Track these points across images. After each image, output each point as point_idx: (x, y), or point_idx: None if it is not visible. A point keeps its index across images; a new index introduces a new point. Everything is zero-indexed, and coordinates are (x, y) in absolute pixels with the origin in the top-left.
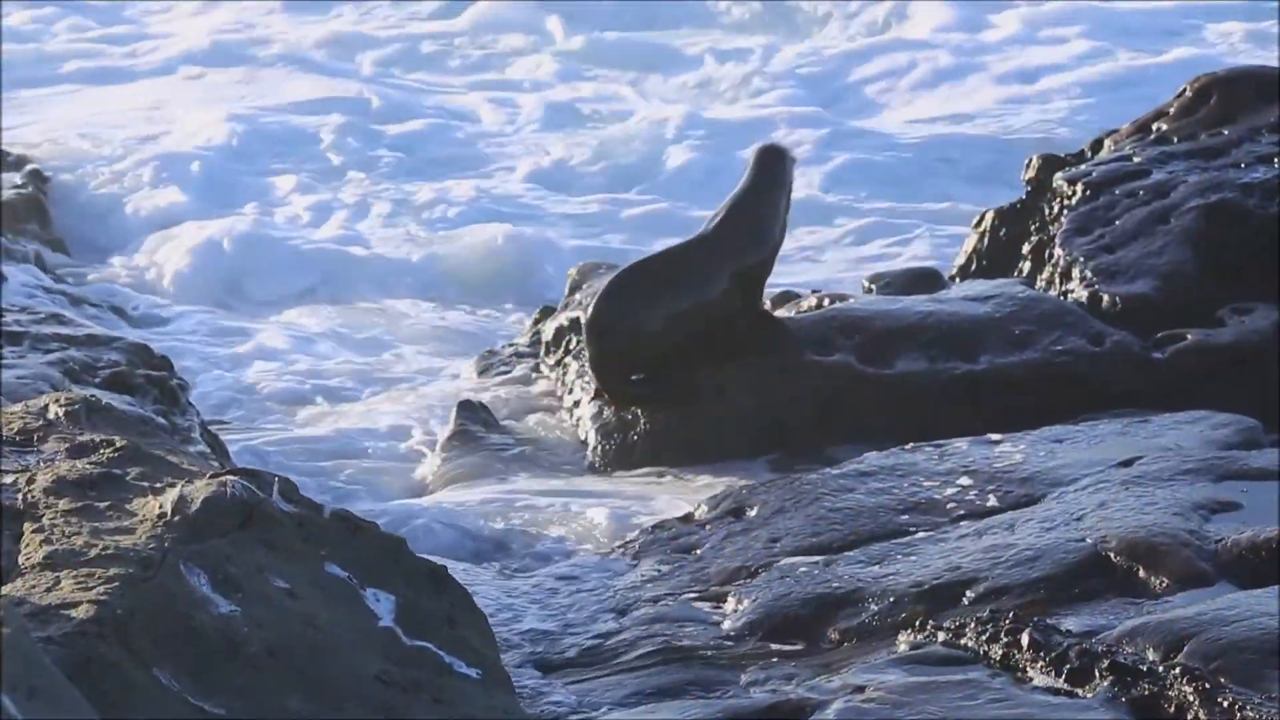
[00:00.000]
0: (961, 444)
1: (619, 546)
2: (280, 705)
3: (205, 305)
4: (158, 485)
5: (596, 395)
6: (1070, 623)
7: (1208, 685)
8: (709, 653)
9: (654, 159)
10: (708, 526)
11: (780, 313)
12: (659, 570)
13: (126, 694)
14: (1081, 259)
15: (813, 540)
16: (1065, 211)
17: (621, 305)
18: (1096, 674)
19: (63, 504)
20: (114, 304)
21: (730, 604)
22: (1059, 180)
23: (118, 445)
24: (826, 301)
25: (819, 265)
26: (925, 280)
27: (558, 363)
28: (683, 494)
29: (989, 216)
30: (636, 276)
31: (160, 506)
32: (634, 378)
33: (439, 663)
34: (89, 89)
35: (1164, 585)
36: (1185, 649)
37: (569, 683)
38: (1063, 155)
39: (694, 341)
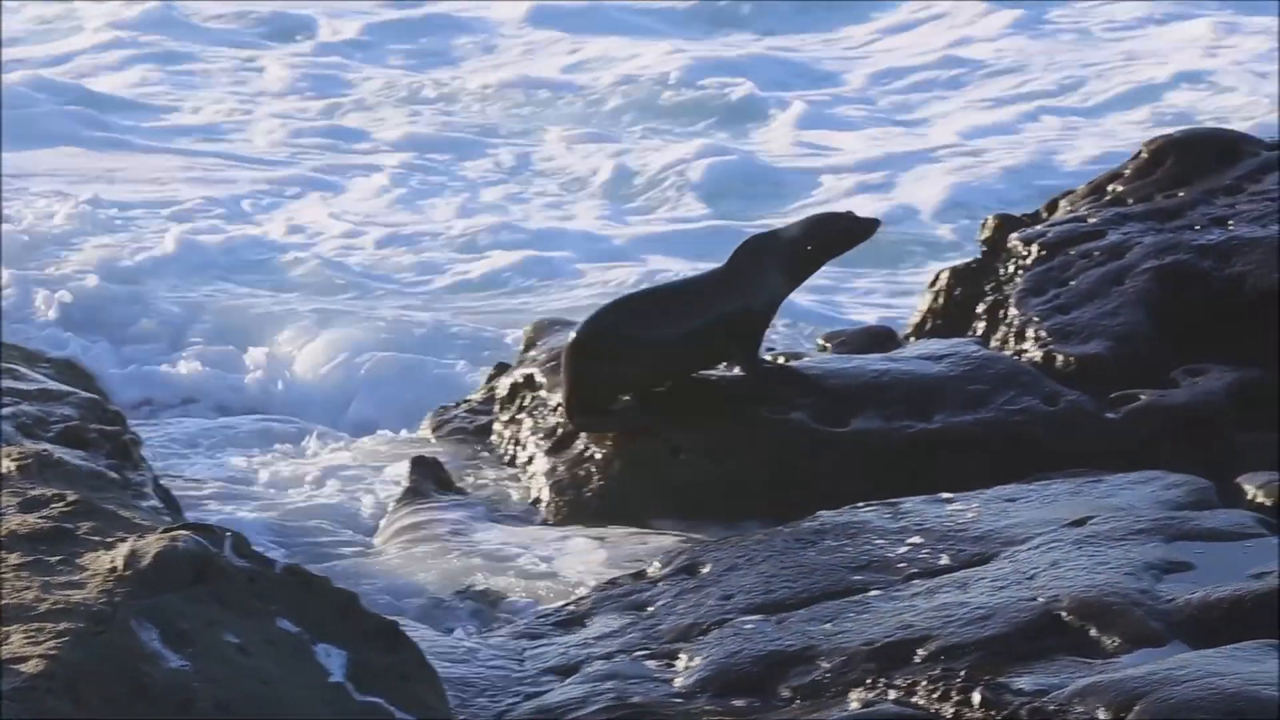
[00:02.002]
0: (914, 502)
1: (571, 603)
2: None
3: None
4: (109, 540)
5: (550, 452)
6: (1022, 682)
7: None
8: (661, 710)
9: None
10: (660, 584)
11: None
12: (611, 627)
13: None
14: (1036, 319)
15: (765, 598)
16: (1020, 272)
17: (613, 327)
18: None
19: (14, 558)
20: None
21: (682, 661)
22: (1014, 241)
23: (70, 500)
24: (782, 360)
25: None
26: (880, 339)
27: (511, 419)
28: (635, 551)
29: (944, 276)
30: (634, 302)
31: (112, 561)
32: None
33: (390, 718)
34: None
35: (1116, 645)
36: (1136, 709)
37: None
38: (1018, 215)
39: (672, 377)
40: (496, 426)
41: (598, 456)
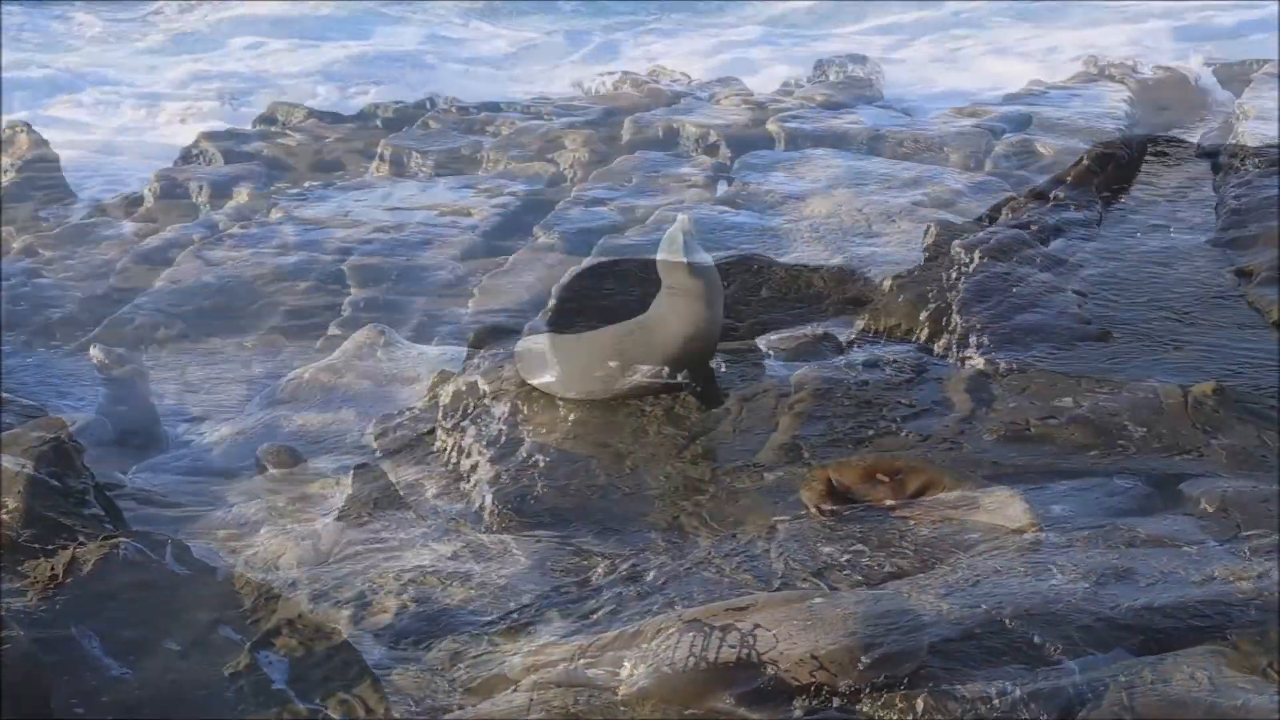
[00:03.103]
0: (859, 510)
1: (514, 611)
2: None
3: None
4: (50, 547)
5: (494, 459)
6: (966, 688)
7: None
8: (604, 718)
9: None
10: (605, 591)
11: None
12: (555, 635)
13: None
14: (979, 325)
15: (710, 605)
16: (963, 278)
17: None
18: None
19: None
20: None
21: (626, 669)
22: (957, 247)
23: (10, 508)
24: (725, 367)
25: None
26: (824, 345)
27: (455, 426)
28: (580, 558)
29: (887, 282)
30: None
31: (53, 568)
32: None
33: None
34: None
35: (1059, 651)
36: (1079, 714)
37: None
38: (960, 222)
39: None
40: (440, 434)
41: (541, 464)
